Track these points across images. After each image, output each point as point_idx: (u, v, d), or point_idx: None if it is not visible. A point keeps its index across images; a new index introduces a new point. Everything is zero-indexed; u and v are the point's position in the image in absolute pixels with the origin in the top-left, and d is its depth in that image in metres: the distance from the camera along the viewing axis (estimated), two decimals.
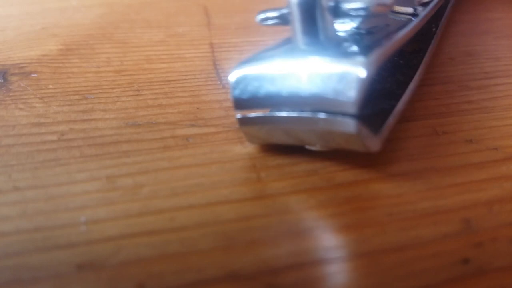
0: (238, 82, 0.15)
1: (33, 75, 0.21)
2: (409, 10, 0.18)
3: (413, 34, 0.17)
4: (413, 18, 0.18)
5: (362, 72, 0.13)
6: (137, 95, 0.19)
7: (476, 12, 0.28)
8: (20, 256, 0.12)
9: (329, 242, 0.13)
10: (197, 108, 0.19)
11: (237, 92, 0.15)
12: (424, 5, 0.20)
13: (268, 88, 0.15)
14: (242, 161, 0.16)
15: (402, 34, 0.16)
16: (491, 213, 0.14)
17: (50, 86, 0.20)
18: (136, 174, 0.15)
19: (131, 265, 0.12)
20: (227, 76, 0.15)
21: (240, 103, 0.15)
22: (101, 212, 0.14)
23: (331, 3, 0.15)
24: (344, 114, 0.14)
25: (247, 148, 0.16)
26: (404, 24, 0.17)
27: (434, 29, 0.22)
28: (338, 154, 0.16)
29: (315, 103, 0.14)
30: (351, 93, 0.13)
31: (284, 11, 0.15)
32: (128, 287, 0.12)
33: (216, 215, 0.14)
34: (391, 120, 0.16)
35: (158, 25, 0.26)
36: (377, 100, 0.17)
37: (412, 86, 0.18)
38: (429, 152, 0.16)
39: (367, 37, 0.16)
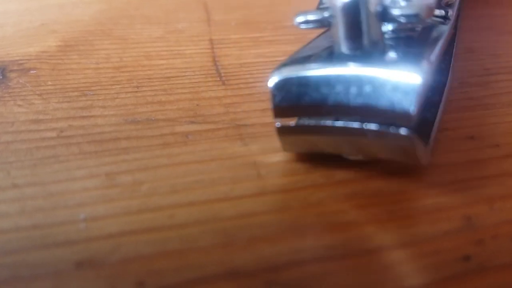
0: (279, 88, 0.14)
1: (32, 71, 0.21)
2: (442, 13, 0.18)
3: (450, 37, 0.17)
4: (443, 20, 0.17)
5: (418, 81, 0.12)
6: (136, 91, 0.19)
7: (477, 8, 0.28)
8: (19, 254, 0.12)
9: (329, 240, 0.13)
10: (197, 105, 0.18)
11: (277, 99, 0.14)
12: (450, 6, 0.19)
13: (312, 95, 0.13)
14: (242, 158, 0.16)
15: (444, 38, 0.15)
16: (492, 210, 0.14)
17: (49, 83, 0.20)
18: (135, 171, 0.15)
19: (130, 262, 0.12)
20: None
21: (281, 111, 0.14)
22: (100, 209, 0.14)
23: (379, 8, 0.14)
24: (397, 125, 0.13)
25: (247, 145, 0.16)
26: (437, 27, 0.16)
27: (453, 31, 0.22)
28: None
29: (365, 113, 0.13)
30: (408, 104, 0.12)
31: (326, 14, 0.14)
32: (127, 285, 0.12)
33: (216, 212, 0.14)
34: (435, 129, 0.15)
35: (158, 21, 0.26)
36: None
37: (446, 92, 0.17)
38: None
39: (409, 42, 0.15)
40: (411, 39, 0.15)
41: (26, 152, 0.16)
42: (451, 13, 0.18)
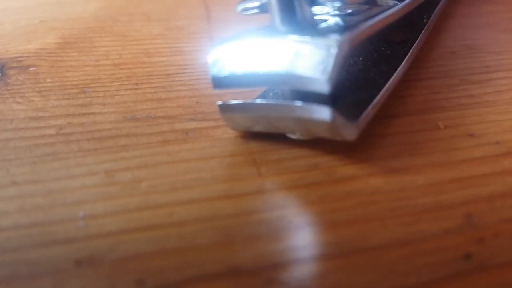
0: (216, 60, 0.15)
1: (31, 68, 0.21)
2: None
3: (396, 18, 0.17)
4: (396, 2, 0.18)
5: (334, 50, 0.13)
6: (136, 89, 0.19)
7: (477, 5, 0.28)
8: (18, 252, 0.12)
9: (329, 237, 0.13)
10: (197, 102, 0.18)
11: (215, 70, 0.15)
12: None
13: (245, 66, 0.15)
14: (242, 155, 0.16)
15: (382, 16, 0.16)
16: (493, 208, 0.14)
17: (48, 80, 0.20)
18: (135, 169, 0.15)
19: (130, 260, 0.12)
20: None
21: (218, 82, 0.15)
22: (99, 207, 0.14)
23: None
24: (321, 101, 0.14)
25: (247, 143, 0.16)
26: (388, 9, 0.17)
27: (425, 20, 0.22)
28: (338, 149, 0.15)
29: (289, 81, 0.14)
30: (323, 71, 0.13)
31: (264, 0, 0.16)
32: (127, 283, 0.12)
33: (216, 210, 0.14)
34: (371, 109, 0.16)
35: (157, 18, 0.26)
36: (359, 90, 0.17)
37: (395, 76, 0.17)
38: (430, 147, 0.16)
39: (347, 19, 0.16)
40: (351, 16, 0.16)
41: (25, 149, 0.16)
42: None
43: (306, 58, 0.14)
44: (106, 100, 0.18)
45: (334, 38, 0.14)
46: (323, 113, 0.14)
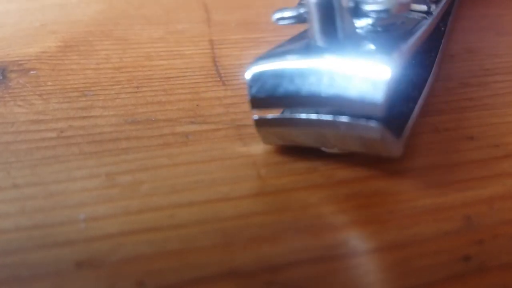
0: (255, 80, 0.14)
1: (32, 72, 0.21)
2: (423, 8, 0.18)
3: (429, 32, 0.17)
4: (426, 16, 0.18)
5: (387, 73, 0.13)
6: (136, 92, 0.19)
7: (476, 8, 0.28)
8: (19, 254, 0.12)
9: (329, 240, 0.13)
10: (197, 105, 0.18)
11: (254, 90, 0.14)
12: (436, 2, 0.19)
13: (287, 87, 0.14)
14: (242, 158, 0.16)
15: (421, 32, 0.16)
16: (492, 210, 0.14)
17: (49, 83, 0.20)
18: (135, 171, 0.15)
19: (130, 263, 0.12)
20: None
21: (257, 102, 0.15)
22: (100, 209, 0.14)
23: (351, 4, 0.14)
24: (367, 117, 0.13)
25: (247, 146, 0.16)
26: (419, 22, 0.17)
27: (442, 28, 0.22)
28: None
29: (337, 104, 0.13)
30: (377, 95, 0.13)
31: (302, 10, 0.15)
32: (127, 285, 0.12)
33: (216, 212, 0.14)
34: (411, 123, 0.15)
35: (158, 21, 0.26)
36: (395, 103, 0.16)
37: (427, 87, 0.17)
38: (430, 149, 0.16)
39: (386, 36, 0.15)
40: (389, 33, 0.16)
41: (26, 152, 0.16)
42: (434, 8, 0.18)
43: (357, 81, 0.13)
44: (106, 103, 0.18)
45: (385, 59, 0.13)
46: (372, 130, 0.13)
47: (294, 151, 0.16)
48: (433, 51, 0.20)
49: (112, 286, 0.12)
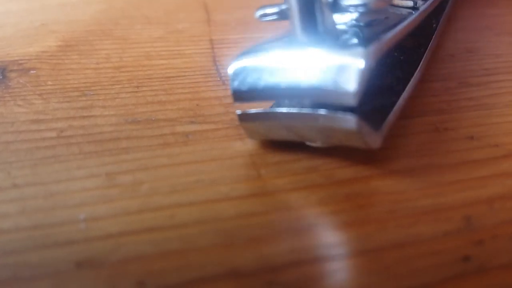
0: (237, 73, 0.15)
1: (32, 71, 0.21)
2: (409, 3, 0.18)
3: (413, 27, 0.17)
4: (413, 12, 0.18)
5: (361, 63, 0.13)
6: (136, 91, 0.19)
7: (476, 8, 0.28)
8: (19, 254, 0.12)
9: (329, 239, 0.13)
10: (197, 105, 0.18)
11: (236, 83, 0.15)
12: None
13: (267, 79, 0.14)
14: (242, 158, 0.16)
15: (402, 27, 0.16)
16: (492, 210, 0.14)
17: (49, 83, 0.20)
18: (135, 171, 0.15)
19: (130, 263, 0.12)
20: (227, 72, 0.15)
21: (239, 95, 0.15)
22: (100, 209, 0.14)
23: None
24: (344, 109, 0.14)
25: (247, 145, 0.16)
26: (404, 18, 0.17)
27: (434, 25, 0.22)
28: (338, 151, 0.16)
29: (314, 95, 0.14)
30: (350, 85, 0.13)
31: (283, 6, 0.15)
32: (127, 285, 0.12)
33: (216, 212, 0.14)
34: (392, 116, 0.16)
35: (158, 21, 0.26)
36: (377, 96, 0.17)
37: (412, 82, 0.17)
38: (429, 149, 0.16)
39: (367, 30, 0.16)
40: (370, 27, 0.16)
41: (26, 152, 0.16)
42: (421, 4, 0.18)
43: (332, 72, 0.13)
44: (106, 103, 0.18)
45: (360, 51, 0.14)
46: (348, 121, 0.14)
47: (293, 151, 0.16)
48: (422, 47, 0.20)
49: (112, 286, 0.12)
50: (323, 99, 0.14)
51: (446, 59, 0.22)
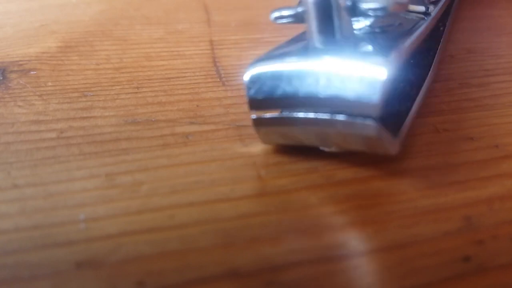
0: (253, 81, 0.15)
1: (32, 72, 0.21)
2: (421, 9, 0.18)
3: (427, 33, 0.17)
4: (424, 17, 0.18)
5: (384, 74, 0.13)
6: (136, 92, 0.19)
7: (477, 9, 0.28)
8: (19, 254, 0.12)
9: (329, 240, 0.13)
10: (197, 106, 0.18)
11: (252, 92, 0.15)
12: (434, 3, 0.19)
13: (285, 88, 0.14)
14: (242, 158, 0.16)
15: (418, 33, 0.16)
16: (492, 210, 0.14)
17: (49, 84, 0.20)
18: (135, 172, 0.15)
19: (130, 263, 0.12)
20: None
21: (256, 104, 0.15)
22: (100, 210, 0.14)
23: (349, 3, 0.14)
24: (364, 116, 0.13)
25: (247, 146, 0.16)
26: (417, 23, 0.17)
27: (442, 28, 0.22)
28: (342, 152, 0.15)
29: (334, 104, 0.14)
30: (373, 95, 0.13)
31: (300, 9, 0.15)
32: (127, 285, 0.12)
33: (216, 212, 0.14)
34: (408, 122, 0.15)
35: (158, 22, 0.26)
36: (393, 102, 0.16)
37: (425, 86, 0.17)
38: (429, 150, 0.16)
39: (383, 36, 0.15)
40: (387, 34, 0.16)
41: (27, 152, 0.16)
42: (433, 9, 0.18)
43: (354, 82, 0.13)
44: (106, 104, 0.18)
45: (382, 60, 0.13)
46: (369, 128, 0.13)
47: (294, 151, 0.16)
48: (431, 51, 0.20)
49: (112, 287, 0.12)
50: (344, 109, 0.14)
51: (446, 60, 0.22)
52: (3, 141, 0.16)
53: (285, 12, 0.15)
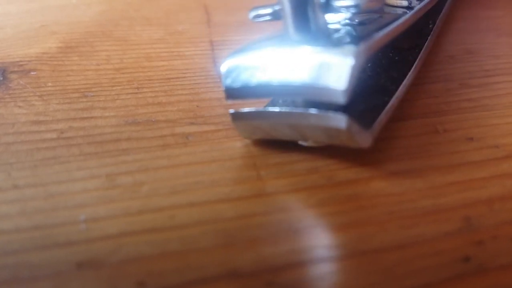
0: (230, 71, 0.15)
1: (32, 73, 0.21)
2: (404, 3, 0.18)
3: (407, 27, 0.17)
4: (407, 11, 0.18)
5: (351, 61, 0.13)
6: (136, 93, 0.19)
7: (476, 9, 0.28)
8: (19, 254, 0.12)
9: (329, 241, 0.13)
10: (197, 106, 0.18)
11: (228, 81, 0.15)
12: None
13: (259, 77, 0.15)
14: (242, 159, 0.16)
15: (394, 26, 0.16)
16: (491, 211, 0.14)
17: (50, 84, 0.20)
18: (135, 172, 0.15)
19: (131, 263, 0.12)
20: (220, 70, 0.15)
21: (232, 93, 0.15)
22: (100, 210, 0.14)
23: (322, 0, 0.15)
24: (335, 108, 0.14)
25: (247, 146, 0.16)
26: (398, 17, 0.17)
27: (431, 26, 0.22)
28: (338, 152, 0.16)
29: (305, 92, 0.14)
30: (340, 83, 0.13)
31: (276, 7, 0.15)
32: (128, 285, 0.12)
33: (216, 213, 0.14)
34: (383, 116, 0.16)
35: (158, 22, 0.26)
36: (371, 96, 0.17)
37: (406, 82, 0.18)
38: (429, 150, 0.16)
39: (359, 28, 0.16)
40: (363, 25, 0.16)
41: (27, 153, 0.16)
42: (416, 3, 0.18)
43: (323, 69, 0.13)
44: (107, 104, 0.18)
45: (351, 49, 0.14)
46: (339, 120, 0.14)
47: (294, 152, 0.16)
48: (418, 48, 0.20)
49: (112, 287, 0.12)
50: (314, 97, 0.14)
51: (445, 61, 0.22)
52: (3, 141, 0.16)
53: (263, 11, 0.16)
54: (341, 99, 0.13)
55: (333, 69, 0.13)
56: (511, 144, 0.16)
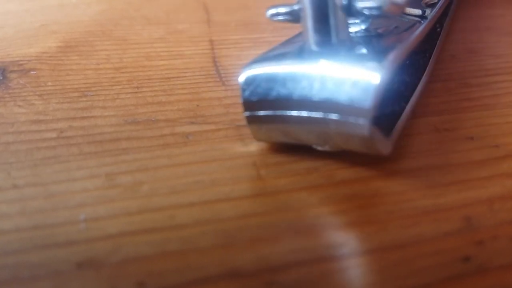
0: (248, 83, 0.15)
1: (32, 72, 0.21)
2: (417, 12, 0.18)
3: (423, 36, 0.17)
4: (421, 20, 0.18)
5: (376, 79, 0.13)
6: (136, 92, 0.19)
7: (477, 9, 0.28)
8: (19, 254, 0.12)
9: (329, 240, 0.13)
10: (197, 106, 0.18)
11: (247, 93, 0.15)
12: (431, 6, 0.19)
13: (279, 90, 0.14)
14: (242, 158, 0.16)
15: (414, 37, 0.16)
16: (492, 210, 0.14)
17: (49, 83, 0.20)
18: (135, 172, 0.15)
19: (131, 263, 0.12)
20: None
21: (250, 105, 0.15)
22: (100, 210, 0.14)
23: (344, 1, 0.14)
24: (357, 116, 0.13)
25: (247, 146, 0.16)
26: (413, 26, 0.17)
27: (438, 29, 0.22)
28: (339, 152, 0.15)
29: (327, 108, 0.14)
30: (365, 100, 0.13)
31: (296, 7, 0.15)
32: (128, 285, 0.12)
33: (216, 213, 0.14)
34: (401, 122, 0.16)
35: (158, 22, 0.26)
36: (385, 101, 0.17)
37: (419, 87, 0.17)
38: (430, 150, 0.16)
39: (378, 40, 0.16)
40: (382, 37, 0.16)
41: (27, 152, 0.16)
42: (429, 12, 0.18)
43: (347, 86, 0.13)
44: (107, 104, 0.18)
45: (375, 66, 0.13)
46: (361, 128, 0.13)
47: (294, 151, 0.16)
48: (428, 52, 0.20)
49: (112, 287, 0.12)
50: (336, 112, 0.14)
51: (446, 60, 0.22)
52: (3, 141, 0.16)
53: (281, 10, 0.15)
54: (367, 117, 0.13)
55: (358, 86, 0.13)
56: (511, 144, 0.16)
